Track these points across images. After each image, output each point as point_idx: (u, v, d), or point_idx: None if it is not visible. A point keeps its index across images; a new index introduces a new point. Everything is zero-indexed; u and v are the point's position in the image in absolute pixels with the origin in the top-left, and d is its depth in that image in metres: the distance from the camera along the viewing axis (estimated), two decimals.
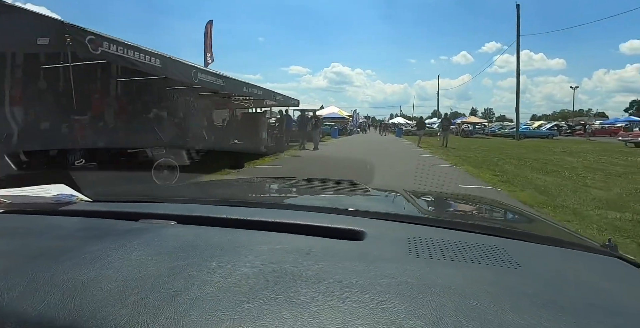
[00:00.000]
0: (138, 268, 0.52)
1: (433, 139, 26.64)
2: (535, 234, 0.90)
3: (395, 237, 0.70)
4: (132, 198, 1.05)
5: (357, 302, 0.43)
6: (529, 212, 1.48)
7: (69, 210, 0.86)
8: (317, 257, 0.57)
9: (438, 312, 0.42)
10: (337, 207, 0.95)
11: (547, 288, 0.52)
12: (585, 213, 4.43)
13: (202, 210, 0.85)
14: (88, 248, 0.59)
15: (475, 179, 6.93)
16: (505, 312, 0.43)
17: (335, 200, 1.33)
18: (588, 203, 4.92)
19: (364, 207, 1.06)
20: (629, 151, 15.22)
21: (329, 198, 1.34)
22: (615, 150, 15.86)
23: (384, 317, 0.40)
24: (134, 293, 0.44)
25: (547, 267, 0.63)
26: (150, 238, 0.64)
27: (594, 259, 0.71)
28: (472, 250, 0.63)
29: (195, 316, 0.40)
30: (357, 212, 0.87)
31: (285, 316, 0.40)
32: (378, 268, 0.54)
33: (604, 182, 6.77)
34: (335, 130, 26.51)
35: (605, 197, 5.37)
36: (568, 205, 4.79)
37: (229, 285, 0.47)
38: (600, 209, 4.60)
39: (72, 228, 0.74)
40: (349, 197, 1.40)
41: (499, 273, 0.55)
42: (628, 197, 5.44)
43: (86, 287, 0.46)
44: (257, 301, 0.43)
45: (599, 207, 4.70)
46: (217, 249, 0.60)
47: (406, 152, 13.44)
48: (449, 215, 1.23)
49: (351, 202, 1.28)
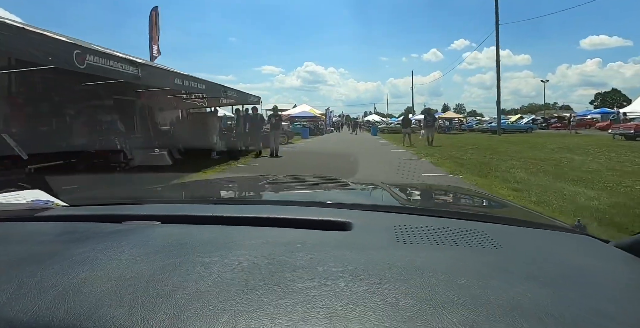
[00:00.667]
0: (130, 268, 0.51)
1: (394, 134, 24.95)
2: (511, 218, 0.94)
3: (381, 226, 0.72)
4: (111, 201, 1.05)
5: (353, 287, 0.45)
6: (502, 198, 1.65)
7: (47, 215, 0.84)
8: (308, 248, 0.58)
9: (430, 291, 0.44)
10: (322, 201, 1.01)
11: (528, 265, 0.55)
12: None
13: (187, 210, 0.87)
14: (74, 251, 0.57)
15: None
16: (492, 287, 0.46)
17: (319, 194, 1.39)
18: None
19: (349, 200, 1.15)
20: (628, 145, 13.73)
21: (313, 193, 1.42)
22: (613, 144, 14.42)
23: (381, 298, 0.42)
24: (128, 293, 0.44)
25: (526, 246, 0.67)
26: (138, 239, 0.63)
27: (567, 237, 0.77)
28: (455, 234, 0.66)
29: (194, 309, 0.40)
30: (342, 204, 0.91)
31: (285, 304, 0.41)
32: (369, 255, 0.55)
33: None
34: (305, 130, 24.21)
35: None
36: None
37: (226, 278, 0.47)
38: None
39: (53, 233, 0.72)
40: (332, 190, 1.45)
41: (482, 254, 0.59)
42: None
43: (78, 289, 0.45)
44: (256, 292, 0.44)
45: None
46: (208, 245, 0.59)
47: (387, 154, 11.30)
48: (431, 204, 1.32)
49: (335, 195, 1.36)
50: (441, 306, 0.41)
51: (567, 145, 14.12)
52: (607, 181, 5.89)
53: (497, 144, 15.57)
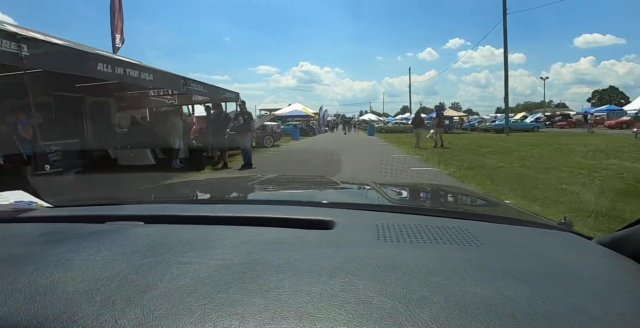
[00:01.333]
0: (104, 268, 0.51)
1: (406, 136, 22.95)
2: (496, 215, 0.98)
3: (363, 224, 0.72)
4: (96, 202, 1.03)
5: (327, 285, 0.45)
6: (491, 197, 1.60)
7: (29, 216, 0.84)
8: (287, 247, 0.57)
9: (404, 289, 0.44)
10: (306, 200, 1.00)
11: (507, 262, 0.55)
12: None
13: (170, 210, 0.87)
14: (51, 252, 0.57)
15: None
16: (468, 284, 0.46)
17: (305, 193, 1.38)
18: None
19: (333, 199, 1.15)
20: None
21: (299, 192, 1.41)
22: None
23: (353, 296, 0.42)
24: (100, 293, 0.44)
25: (507, 243, 0.67)
26: (117, 239, 0.64)
27: (550, 234, 0.76)
28: (437, 232, 0.67)
29: (164, 309, 0.40)
30: (326, 203, 0.93)
31: (255, 302, 0.41)
32: (347, 253, 0.55)
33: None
34: (295, 131, 21.97)
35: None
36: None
37: (199, 277, 0.47)
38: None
39: (33, 234, 0.71)
40: (318, 190, 1.44)
41: (462, 251, 0.58)
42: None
43: (50, 289, 0.45)
44: (228, 291, 0.43)
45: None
46: (187, 245, 0.59)
47: (391, 162, 9.15)
48: (416, 202, 1.32)
49: (321, 194, 1.36)
50: (414, 304, 0.41)
51: (596, 146, 12.07)
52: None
53: (515, 146, 13.46)
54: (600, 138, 17.21)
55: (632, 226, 0.67)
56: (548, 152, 10.70)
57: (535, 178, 6.12)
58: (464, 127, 35.06)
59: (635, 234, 0.65)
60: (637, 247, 0.63)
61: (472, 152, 11.46)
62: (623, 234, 0.68)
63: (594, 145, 12.53)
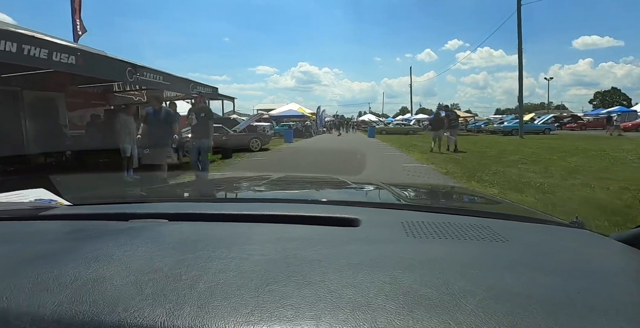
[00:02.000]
0: (146, 263, 0.51)
1: (411, 139, 21.06)
2: (514, 214, 0.96)
3: (388, 221, 0.73)
4: (116, 200, 1.04)
5: (371, 278, 0.45)
6: (499, 197, 1.70)
7: (51, 214, 0.83)
8: (320, 243, 0.58)
9: (444, 281, 0.45)
10: (327, 199, 1.03)
11: (535, 256, 0.57)
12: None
13: (194, 208, 0.86)
14: (87, 248, 0.57)
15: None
16: (504, 276, 0.47)
17: (323, 192, 1.40)
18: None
19: (353, 198, 1.21)
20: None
21: (317, 191, 1.43)
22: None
23: (399, 288, 0.43)
24: (149, 286, 0.44)
25: (530, 239, 0.69)
26: (149, 236, 0.64)
27: (568, 232, 0.77)
28: (461, 229, 0.68)
29: (218, 301, 0.40)
30: (348, 201, 0.94)
31: (306, 295, 0.41)
32: (380, 249, 0.56)
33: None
34: (289, 132, 19.94)
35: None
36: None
37: (244, 272, 0.47)
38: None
39: (61, 231, 0.72)
40: (336, 189, 1.46)
41: (490, 247, 0.60)
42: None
43: (97, 284, 0.45)
44: (276, 284, 0.44)
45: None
46: (221, 241, 0.60)
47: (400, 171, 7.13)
48: (432, 201, 1.36)
49: (339, 193, 1.37)
50: (457, 294, 0.42)
51: (636, 151, 10.16)
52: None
53: (542, 153, 11.47)
54: (629, 141, 15.26)
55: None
56: (593, 162, 8.68)
57: (628, 206, 4.13)
58: (469, 128, 33.11)
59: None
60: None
61: (496, 160, 9.48)
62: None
63: (631, 150, 10.58)
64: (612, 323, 0.38)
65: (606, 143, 14.83)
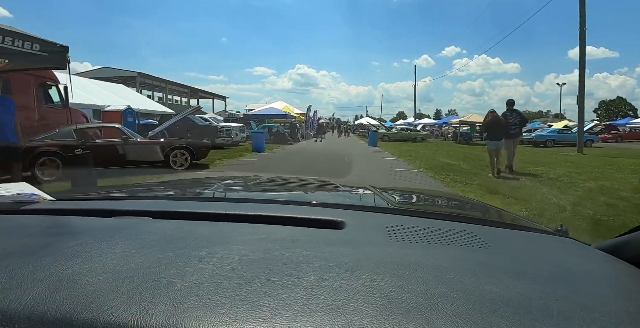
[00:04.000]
0: (125, 261, 0.50)
1: (424, 148, 16.12)
2: (499, 221, 1.01)
3: (373, 225, 0.73)
4: (100, 196, 1.04)
5: (350, 281, 0.45)
6: (489, 204, 1.58)
7: (33, 209, 0.82)
8: (303, 244, 0.58)
9: (424, 286, 0.45)
10: (314, 201, 1.00)
11: (516, 263, 0.57)
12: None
13: (179, 206, 0.85)
14: (66, 244, 0.56)
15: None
16: (483, 282, 0.47)
17: (311, 194, 1.37)
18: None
19: (341, 200, 1.16)
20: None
21: (305, 193, 1.41)
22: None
23: (377, 292, 0.43)
24: (125, 284, 0.43)
25: (513, 246, 0.69)
26: (131, 233, 0.63)
27: (551, 239, 0.78)
28: (445, 234, 0.68)
29: (194, 300, 0.40)
30: (334, 204, 0.93)
31: (283, 296, 0.41)
32: (363, 252, 0.56)
33: None
34: (259, 137, 14.18)
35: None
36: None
37: (223, 271, 0.47)
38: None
39: (42, 226, 0.70)
40: (324, 191, 1.44)
41: (473, 252, 0.60)
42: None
43: (73, 280, 0.44)
44: (254, 284, 0.44)
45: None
46: (203, 240, 0.59)
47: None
48: (420, 206, 1.33)
49: (327, 196, 1.32)
50: (436, 299, 0.42)
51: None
52: None
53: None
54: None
55: (630, 233, 0.70)
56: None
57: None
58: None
59: (633, 241, 0.68)
60: (634, 253, 0.65)
61: (592, 193, 4.42)
62: (621, 240, 0.70)
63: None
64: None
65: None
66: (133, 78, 31.96)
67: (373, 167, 9.19)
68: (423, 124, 36.04)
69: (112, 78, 33.68)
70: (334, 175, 7.13)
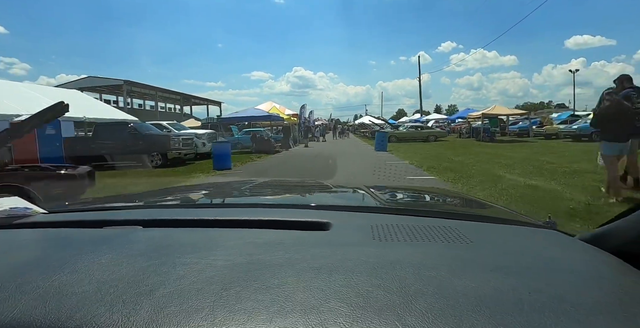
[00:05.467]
0: (110, 271, 0.51)
1: (440, 148, 13.80)
2: (485, 216, 1.00)
3: (358, 225, 0.74)
4: (92, 207, 1.03)
5: (328, 281, 0.47)
6: (480, 198, 1.61)
7: (26, 222, 0.83)
8: (287, 247, 0.59)
9: (400, 284, 0.46)
10: (302, 203, 1.05)
11: (495, 258, 0.58)
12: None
13: (169, 214, 0.87)
14: (54, 256, 0.58)
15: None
16: (459, 278, 0.48)
17: (300, 196, 1.38)
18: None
19: (328, 202, 1.15)
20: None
21: (295, 196, 1.41)
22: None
23: (353, 291, 0.44)
24: (109, 293, 0.45)
25: (495, 241, 0.69)
26: (119, 243, 0.64)
27: (536, 232, 0.79)
28: (429, 231, 0.69)
29: (174, 306, 0.41)
30: (322, 206, 0.94)
31: (261, 299, 0.43)
32: (344, 252, 0.57)
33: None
34: (222, 148, 9.93)
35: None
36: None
37: (205, 277, 0.48)
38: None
39: (32, 239, 0.72)
40: (313, 193, 1.43)
41: (453, 249, 0.61)
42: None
43: (58, 292, 0.45)
44: (234, 288, 0.45)
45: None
46: (190, 247, 0.60)
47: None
48: (408, 204, 1.31)
49: (316, 197, 1.33)
50: (410, 296, 0.43)
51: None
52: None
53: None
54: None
55: (611, 222, 0.69)
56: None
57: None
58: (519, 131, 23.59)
59: (614, 231, 0.67)
60: (615, 243, 0.65)
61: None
62: (603, 230, 0.70)
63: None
64: (556, 325, 0.39)
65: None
66: (121, 86, 30.75)
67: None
68: (434, 120, 31.77)
69: (98, 87, 32.57)
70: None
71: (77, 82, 30.80)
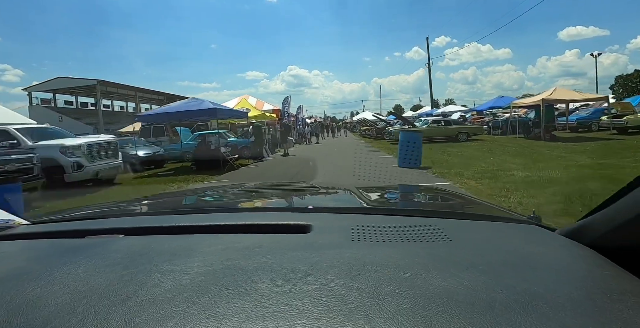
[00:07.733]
0: (86, 281, 0.51)
1: (468, 155, 10.34)
2: (467, 213, 1.01)
3: (340, 226, 0.73)
4: (74, 217, 1.02)
5: (301, 285, 0.47)
6: (467, 195, 1.68)
7: (7, 234, 0.82)
8: (265, 252, 0.59)
9: (373, 285, 0.46)
10: (285, 206, 1.09)
11: (472, 256, 0.57)
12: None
13: (150, 221, 0.87)
14: (30, 268, 0.57)
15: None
16: (433, 277, 0.48)
17: (284, 199, 1.37)
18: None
19: (311, 204, 1.10)
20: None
21: (278, 199, 1.40)
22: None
23: (325, 294, 0.44)
24: (82, 304, 0.45)
25: (474, 238, 0.69)
26: (98, 252, 0.63)
27: (516, 228, 0.78)
28: (409, 231, 0.69)
29: (145, 315, 0.41)
30: (303, 208, 0.95)
31: (233, 305, 0.43)
32: (321, 255, 0.57)
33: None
34: (12, 191, 3.65)
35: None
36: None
37: (180, 284, 0.48)
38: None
39: (12, 252, 0.71)
40: (298, 196, 1.43)
41: (431, 248, 0.60)
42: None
43: (32, 304, 0.46)
44: (207, 295, 0.45)
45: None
46: (168, 255, 0.60)
47: None
48: (391, 204, 1.31)
49: (299, 200, 1.33)
50: (381, 298, 0.43)
51: None
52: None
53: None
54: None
55: (590, 215, 0.68)
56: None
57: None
58: (570, 123, 17.35)
59: (591, 224, 0.67)
60: (593, 236, 0.65)
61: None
62: (581, 224, 0.69)
63: None
64: (525, 321, 0.38)
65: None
66: (94, 87, 28.76)
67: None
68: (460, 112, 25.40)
69: (72, 89, 30.46)
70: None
71: (48, 83, 29.54)
